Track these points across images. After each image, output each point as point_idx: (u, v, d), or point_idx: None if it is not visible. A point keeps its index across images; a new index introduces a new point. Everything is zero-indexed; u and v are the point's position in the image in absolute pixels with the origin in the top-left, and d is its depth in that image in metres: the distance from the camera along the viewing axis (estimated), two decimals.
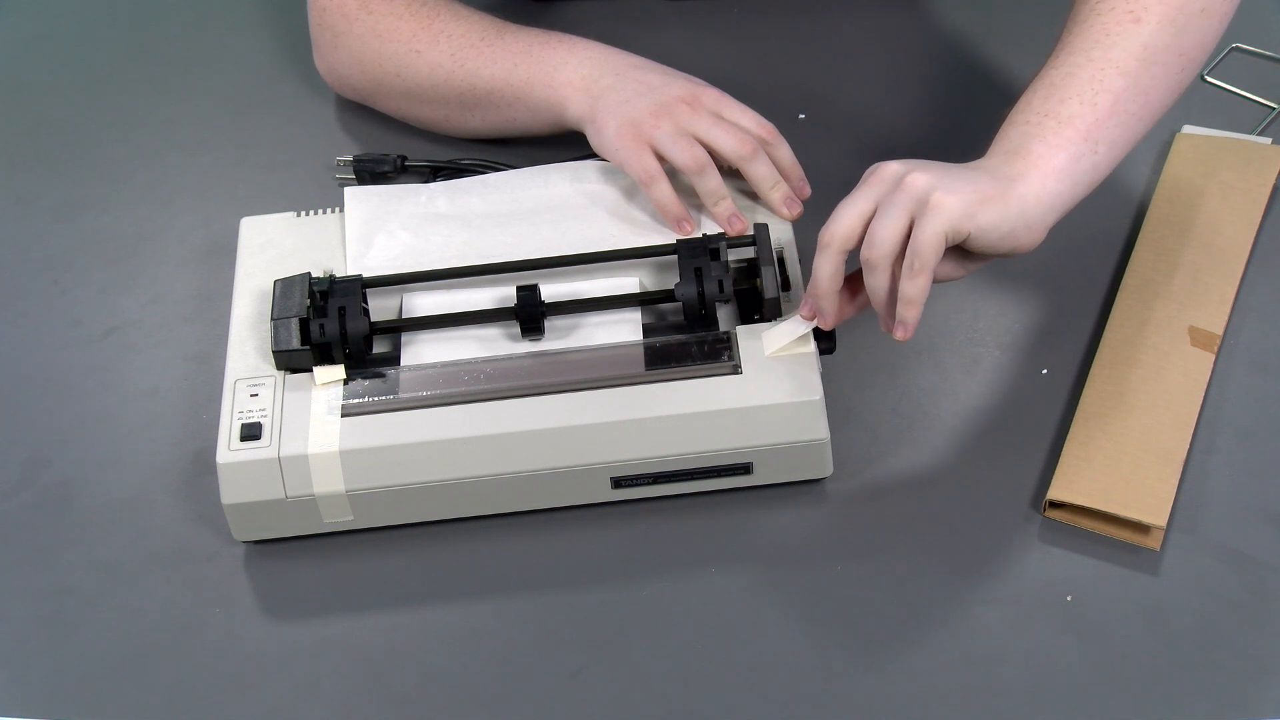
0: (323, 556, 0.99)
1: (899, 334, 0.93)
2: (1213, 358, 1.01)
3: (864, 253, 0.92)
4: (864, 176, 0.94)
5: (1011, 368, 1.04)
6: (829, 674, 0.92)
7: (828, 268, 0.93)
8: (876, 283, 0.92)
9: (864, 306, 0.96)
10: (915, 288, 0.91)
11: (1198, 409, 0.99)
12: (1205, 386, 1.00)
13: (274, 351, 0.99)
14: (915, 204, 0.90)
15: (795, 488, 0.99)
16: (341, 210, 1.08)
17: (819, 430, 0.96)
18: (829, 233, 0.93)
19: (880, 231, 0.91)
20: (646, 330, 1.01)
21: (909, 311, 0.92)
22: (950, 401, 1.03)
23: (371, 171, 1.17)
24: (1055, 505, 0.96)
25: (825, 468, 0.98)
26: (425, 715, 0.92)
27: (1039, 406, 1.02)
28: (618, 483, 0.97)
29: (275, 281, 1.01)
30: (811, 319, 0.96)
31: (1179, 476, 0.96)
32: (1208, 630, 0.92)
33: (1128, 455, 0.97)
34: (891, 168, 0.93)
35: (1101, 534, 0.95)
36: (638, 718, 0.91)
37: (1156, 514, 0.94)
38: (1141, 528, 0.95)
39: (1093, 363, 1.02)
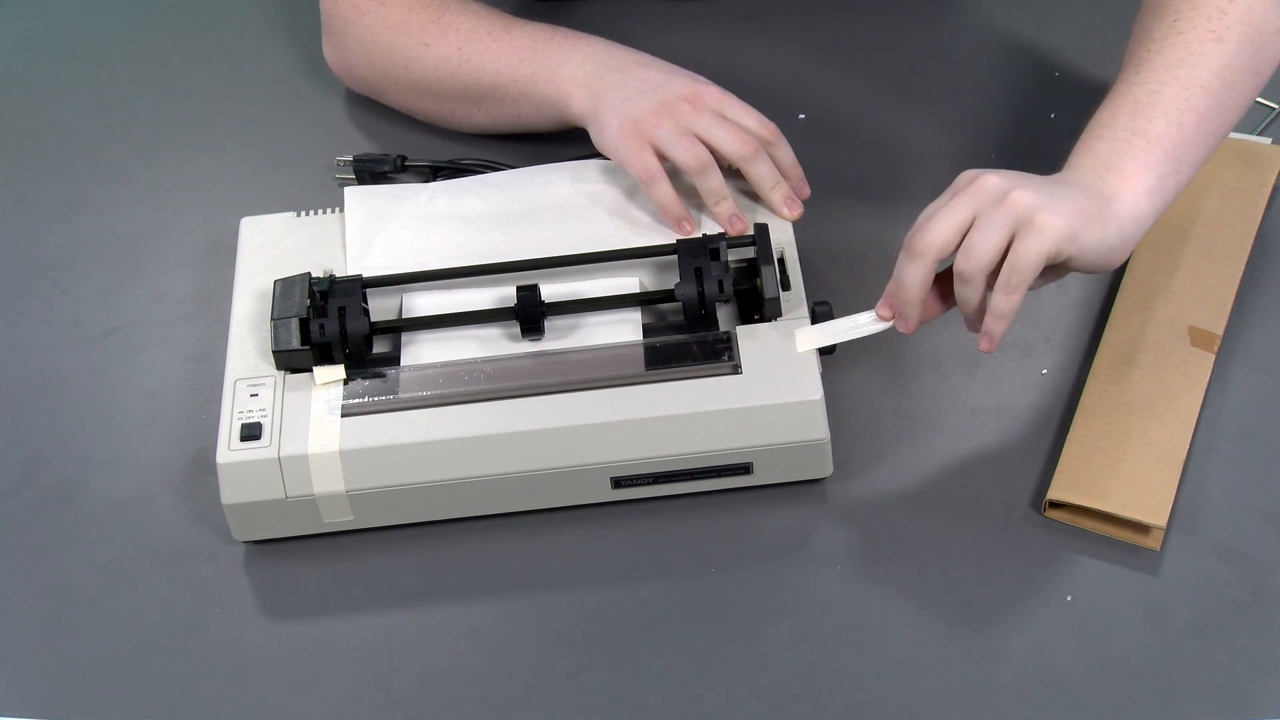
0: (323, 556, 0.99)
1: (984, 345, 0.93)
2: (1213, 358, 1.01)
3: (960, 264, 0.91)
4: (957, 185, 0.93)
5: (1011, 368, 1.04)
6: (828, 674, 0.92)
7: (919, 275, 0.92)
8: (970, 294, 0.92)
9: (944, 311, 0.96)
10: (1010, 303, 0.91)
11: (1198, 409, 0.99)
12: (1205, 386, 1.00)
13: (274, 351, 0.99)
14: (1018, 222, 0.90)
15: (795, 488, 0.99)
16: (341, 210, 1.08)
17: (819, 430, 0.96)
18: (924, 240, 0.92)
19: (981, 245, 0.90)
20: (646, 330, 1.01)
21: (998, 325, 0.92)
22: (950, 401, 1.03)
23: (371, 171, 1.17)
24: (1055, 505, 0.96)
25: (825, 468, 0.98)
26: (425, 715, 0.92)
27: (1039, 406, 1.02)
28: (618, 483, 0.97)
29: (275, 281, 1.01)
30: (889, 320, 0.96)
31: (1179, 476, 0.96)
32: (1208, 630, 0.92)
33: (1128, 455, 0.97)
34: (992, 180, 0.92)
35: (1101, 534, 0.95)
36: (638, 718, 0.91)
37: (1156, 514, 0.94)
38: (1141, 528, 0.95)
39: (1093, 363, 1.02)
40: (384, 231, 1.06)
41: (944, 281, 0.95)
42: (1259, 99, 1.17)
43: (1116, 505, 0.94)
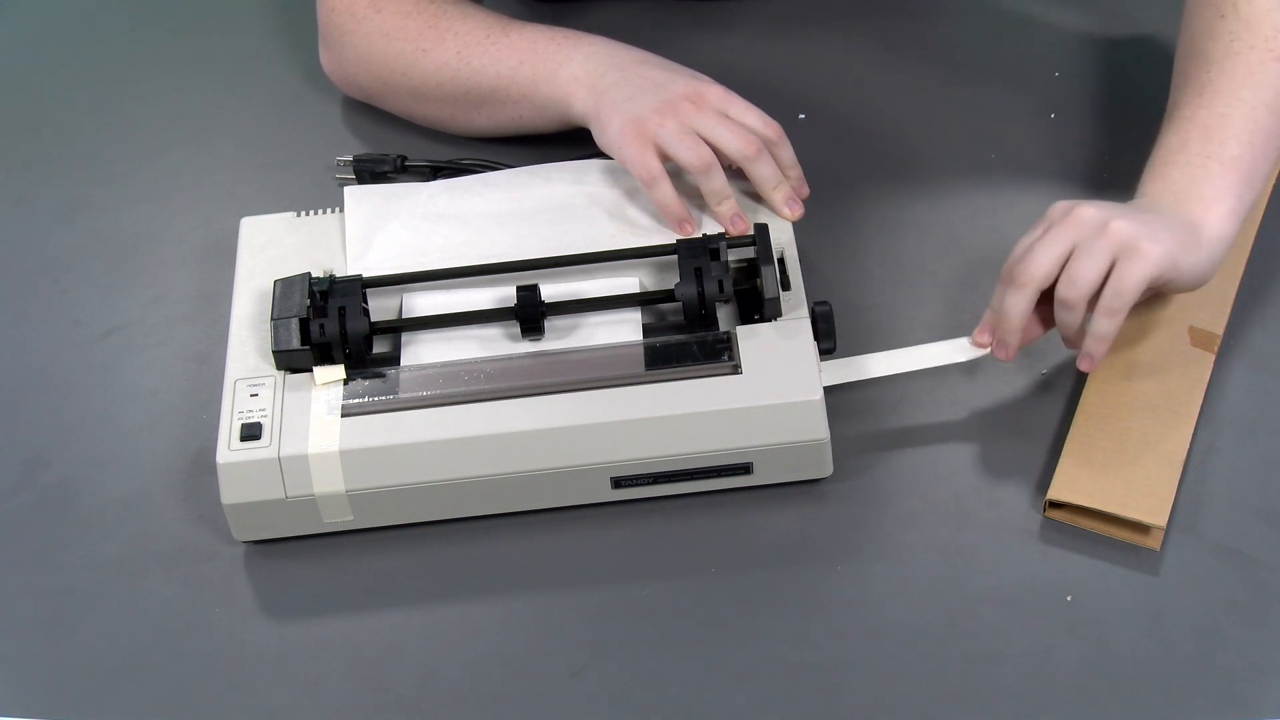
0: (323, 556, 0.99)
1: (1085, 365, 0.96)
2: (1213, 358, 1.01)
3: (1064, 292, 0.94)
4: (1050, 217, 0.96)
5: (1011, 368, 1.04)
6: (828, 674, 0.92)
7: (1023, 304, 0.95)
8: (1072, 319, 0.95)
9: (1042, 335, 0.99)
10: (1111, 325, 0.94)
11: (1198, 409, 0.99)
12: (1205, 387, 1.00)
13: (274, 351, 0.99)
14: (1120, 250, 0.93)
15: (795, 488, 0.99)
16: (341, 210, 1.08)
17: (819, 430, 0.96)
18: (1027, 272, 0.94)
19: (1084, 273, 0.93)
20: (646, 330, 1.01)
21: (1100, 347, 0.95)
22: (950, 401, 1.02)
23: (371, 171, 1.17)
24: (1055, 505, 0.96)
25: (825, 468, 0.98)
26: (425, 715, 0.92)
27: (1039, 406, 1.02)
28: (618, 483, 0.97)
29: (275, 281, 1.01)
30: (985, 348, 0.98)
31: (1179, 476, 0.96)
32: (1208, 630, 0.92)
33: (1128, 455, 0.97)
34: (1089, 211, 0.94)
35: (1101, 534, 0.95)
36: (638, 718, 0.91)
37: (1156, 514, 0.94)
38: (1141, 528, 0.95)
39: None
40: (384, 231, 1.06)
41: (1040, 306, 0.97)
42: None
43: (1116, 505, 0.94)
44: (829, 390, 0.97)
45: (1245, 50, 1.00)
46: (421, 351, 1.00)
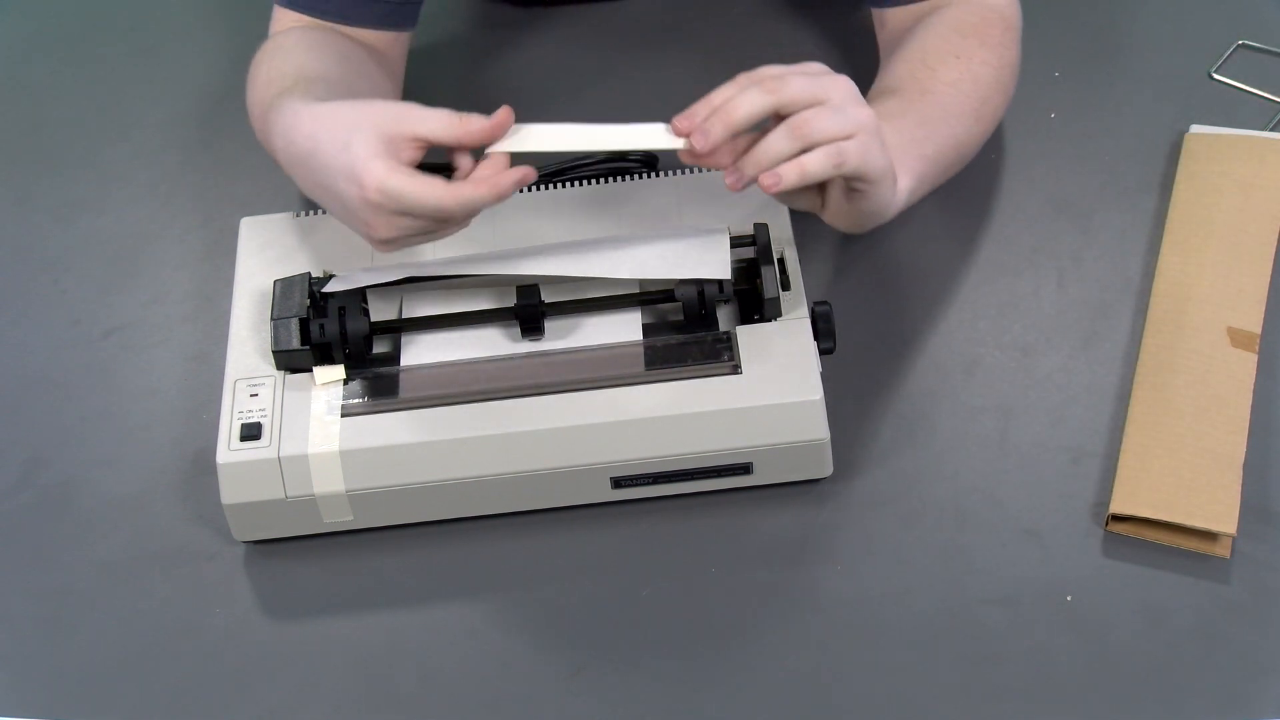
0: (323, 556, 0.99)
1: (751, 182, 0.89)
2: (1255, 357, 1.00)
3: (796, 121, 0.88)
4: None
5: (1011, 368, 1.04)
6: (828, 674, 0.92)
7: (758, 107, 0.88)
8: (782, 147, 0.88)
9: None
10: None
11: (1248, 410, 0.98)
12: (1252, 386, 0.99)
13: (274, 351, 0.99)
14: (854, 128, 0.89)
15: (795, 488, 0.99)
16: None
17: (819, 430, 0.96)
18: (780, 85, 0.89)
19: (822, 124, 0.88)
20: (646, 330, 1.01)
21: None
22: (949, 402, 1.02)
23: None
24: (1118, 519, 0.95)
25: (825, 468, 0.98)
26: (425, 715, 0.92)
27: (1038, 407, 1.02)
28: (618, 483, 0.97)
29: (275, 281, 1.01)
30: (684, 135, 0.88)
31: (1241, 481, 0.95)
32: (1208, 630, 0.92)
33: (1186, 463, 0.95)
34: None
35: (1167, 545, 0.94)
36: (637, 718, 0.91)
37: (1224, 521, 0.93)
38: (1209, 536, 0.94)
39: (1135, 372, 1.01)
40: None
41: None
42: (1267, 95, 1.17)
43: (1182, 515, 0.93)
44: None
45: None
46: (421, 351, 1.00)
